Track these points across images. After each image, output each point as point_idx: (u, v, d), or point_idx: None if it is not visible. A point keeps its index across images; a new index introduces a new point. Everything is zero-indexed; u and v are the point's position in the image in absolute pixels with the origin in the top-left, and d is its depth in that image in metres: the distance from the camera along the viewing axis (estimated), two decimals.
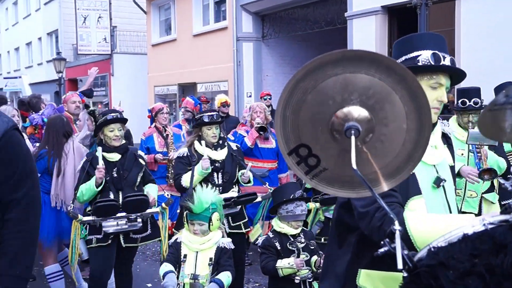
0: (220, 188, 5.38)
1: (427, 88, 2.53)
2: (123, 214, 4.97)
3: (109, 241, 5.01)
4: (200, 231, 4.33)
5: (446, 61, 2.52)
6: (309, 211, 5.33)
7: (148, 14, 22.70)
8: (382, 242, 1.72)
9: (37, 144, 6.15)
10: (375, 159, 1.74)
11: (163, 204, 5.23)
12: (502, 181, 2.02)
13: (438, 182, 2.59)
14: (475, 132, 4.86)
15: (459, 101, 5.46)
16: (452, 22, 10.41)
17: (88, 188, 4.98)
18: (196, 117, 5.68)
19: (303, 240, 4.69)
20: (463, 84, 7.21)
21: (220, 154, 5.51)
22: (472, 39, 9.89)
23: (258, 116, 7.49)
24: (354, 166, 1.59)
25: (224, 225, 5.00)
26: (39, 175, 5.36)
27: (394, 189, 2.37)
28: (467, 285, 1.54)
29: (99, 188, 4.99)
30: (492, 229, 1.65)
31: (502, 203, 5.51)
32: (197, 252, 4.33)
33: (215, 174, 5.44)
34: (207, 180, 5.34)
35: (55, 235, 5.65)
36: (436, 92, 2.56)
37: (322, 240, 5.41)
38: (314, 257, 4.60)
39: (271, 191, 5.56)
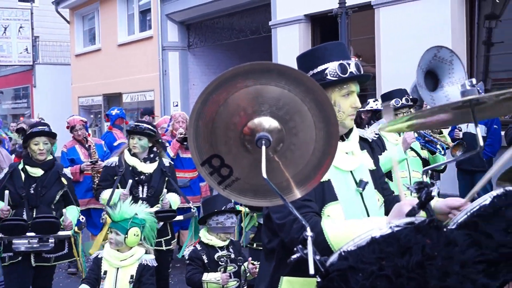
0: (144, 202, 5.26)
1: (340, 98, 2.60)
2: (33, 234, 4.82)
3: (19, 258, 4.86)
4: (115, 241, 4.26)
5: (352, 68, 2.59)
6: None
7: (71, 24, 22.25)
8: (295, 249, 1.76)
9: None
10: (287, 167, 1.78)
11: (76, 228, 5.09)
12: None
13: (362, 185, 2.64)
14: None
15: (392, 101, 5.51)
16: (372, 30, 10.73)
17: None
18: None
19: (232, 256, 4.69)
20: (385, 90, 7.41)
21: (148, 167, 5.44)
22: (391, 46, 10.21)
23: (180, 126, 7.48)
24: (265, 175, 1.63)
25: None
26: None
27: (310, 198, 2.43)
28: (375, 287, 1.61)
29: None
30: (398, 231, 1.72)
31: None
32: (118, 268, 4.25)
33: (140, 187, 5.38)
34: (130, 192, 5.28)
35: None
36: (349, 100, 2.62)
37: (255, 245, 5.44)
38: (245, 264, 4.61)
39: (194, 210, 5.56)
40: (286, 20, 12.46)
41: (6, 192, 4.84)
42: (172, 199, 5.49)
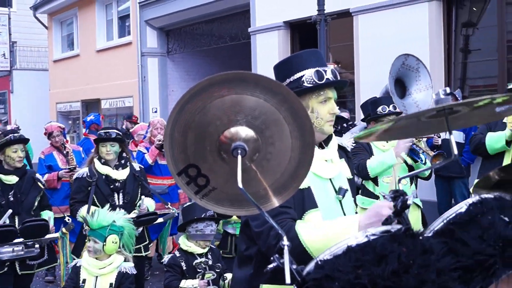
0: (121, 209, 5.19)
1: (318, 105, 2.63)
2: (20, 240, 4.76)
3: (5, 269, 4.79)
4: (93, 249, 4.23)
5: (328, 74, 2.62)
6: None
7: (50, 29, 22.10)
8: (271, 258, 1.76)
9: None
10: (264, 176, 1.78)
11: (64, 229, 5.07)
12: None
13: (341, 192, 2.67)
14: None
15: (379, 108, 5.56)
16: (351, 37, 10.79)
17: None
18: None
19: (210, 262, 4.68)
20: (364, 97, 7.42)
21: (121, 174, 5.40)
22: (369, 53, 10.28)
23: (159, 132, 7.46)
24: (240, 185, 1.62)
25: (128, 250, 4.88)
26: None
27: (288, 205, 2.43)
28: None
29: None
30: (374, 240, 1.72)
31: None
32: (96, 277, 4.22)
33: (115, 195, 5.33)
34: (106, 200, 5.23)
35: None
36: (327, 106, 2.65)
37: (221, 252, 5.44)
38: (228, 275, 4.59)
39: (174, 211, 5.52)
40: (265, 27, 12.50)
41: (10, 211, 4.79)
42: (149, 204, 5.47)
